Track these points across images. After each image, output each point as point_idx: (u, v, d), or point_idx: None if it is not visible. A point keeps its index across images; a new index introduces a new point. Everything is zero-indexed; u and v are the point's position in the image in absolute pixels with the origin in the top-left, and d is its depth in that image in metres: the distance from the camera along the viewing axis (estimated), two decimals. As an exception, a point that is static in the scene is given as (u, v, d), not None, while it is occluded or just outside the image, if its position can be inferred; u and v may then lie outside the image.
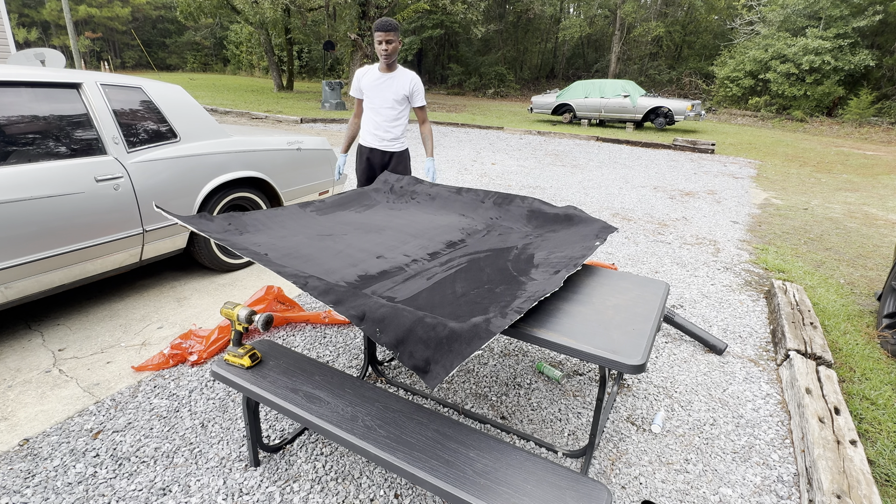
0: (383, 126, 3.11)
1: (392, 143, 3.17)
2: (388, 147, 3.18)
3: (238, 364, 1.66)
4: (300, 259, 1.79)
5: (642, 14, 26.46)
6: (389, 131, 3.12)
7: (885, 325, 2.85)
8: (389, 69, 2.99)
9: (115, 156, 2.61)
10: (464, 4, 18.50)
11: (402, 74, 3.01)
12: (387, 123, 3.09)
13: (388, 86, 3.00)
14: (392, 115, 3.07)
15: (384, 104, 3.04)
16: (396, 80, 3.01)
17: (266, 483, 1.68)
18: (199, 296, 3.06)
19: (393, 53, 2.91)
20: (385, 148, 3.18)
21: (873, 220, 5.64)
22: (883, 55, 18.29)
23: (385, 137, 3.14)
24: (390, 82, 3.00)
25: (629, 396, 2.25)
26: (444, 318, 1.39)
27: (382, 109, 3.06)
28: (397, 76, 3.01)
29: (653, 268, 3.82)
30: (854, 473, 1.68)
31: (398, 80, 3.01)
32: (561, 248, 2.02)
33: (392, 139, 3.15)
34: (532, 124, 14.12)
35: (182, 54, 40.13)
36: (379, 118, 3.09)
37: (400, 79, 3.01)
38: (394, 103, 3.04)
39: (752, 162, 9.59)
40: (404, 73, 3.02)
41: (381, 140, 3.16)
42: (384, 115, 3.07)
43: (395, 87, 3.00)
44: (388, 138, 3.14)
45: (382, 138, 3.15)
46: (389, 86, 3.00)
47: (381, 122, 3.09)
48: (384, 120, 3.09)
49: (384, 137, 3.14)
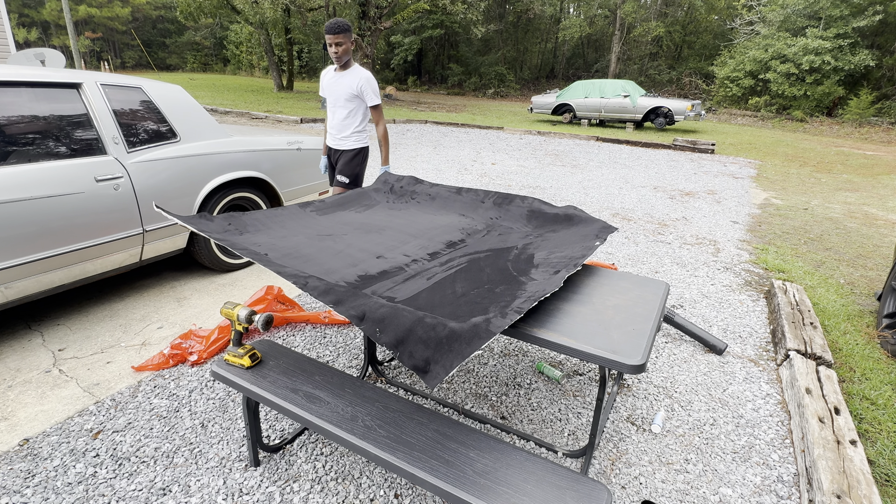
0: (337, 124, 3.12)
1: (343, 142, 3.16)
2: (340, 145, 3.18)
3: (238, 364, 1.66)
4: (300, 259, 1.79)
5: (642, 14, 26.47)
6: (341, 130, 3.12)
7: (885, 325, 2.85)
8: (343, 68, 3.00)
9: (115, 156, 2.61)
10: (464, 4, 18.50)
11: (354, 73, 2.99)
12: (340, 122, 3.10)
13: (340, 84, 3.01)
14: (343, 113, 3.07)
15: (337, 102, 3.07)
16: (347, 78, 3.00)
17: (266, 483, 1.68)
18: (199, 296, 3.06)
19: (344, 55, 2.91)
20: (338, 146, 3.19)
21: (873, 220, 5.64)
22: (883, 55, 18.28)
23: (337, 136, 3.15)
24: (342, 81, 3.01)
25: (629, 396, 2.25)
26: (444, 318, 1.39)
27: (336, 108, 3.09)
28: (348, 74, 3.00)
29: (653, 268, 3.82)
30: (854, 473, 1.68)
31: (348, 79, 3.00)
32: (561, 248, 2.02)
33: (343, 137, 3.14)
34: (532, 124, 14.13)
35: (182, 54, 40.12)
36: (334, 117, 3.12)
37: (350, 77, 2.99)
38: (345, 102, 3.04)
39: (752, 162, 9.59)
40: (356, 71, 3.00)
41: (334, 138, 3.18)
42: (337, 113, 3.09)
43: (346, 85, 3.00)
44: (339, 136, 3.14)
45: (335, 137, 3.17)
46: (341, 84, 3.01)
47: (336, 120, 3.11)
48: (338, 119, 3.10)
49: (336, 136, 3.16)
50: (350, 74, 3.00)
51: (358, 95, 3.02)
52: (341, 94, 3.02)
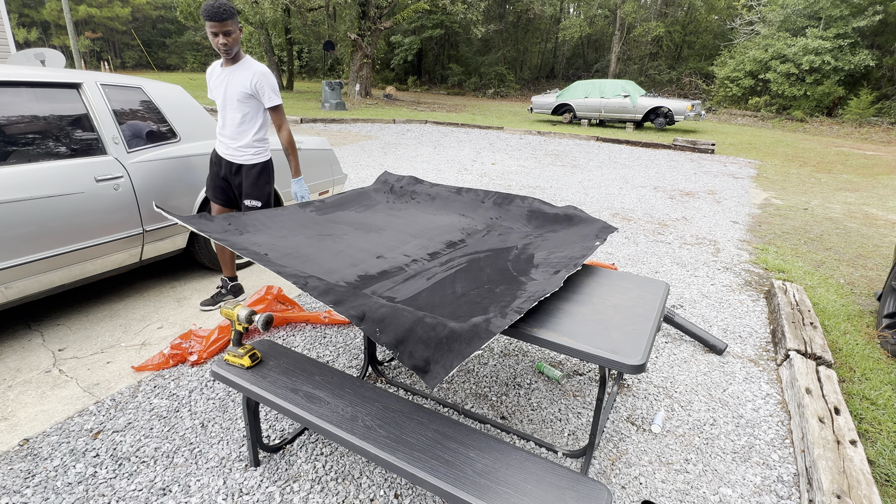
0: (229, 131, 2.56)
1: (239, 153, 2.59)
2: (235, 157, 2.60)
3: (238, 364, 1.66)
4: (300, 259, 1.79)
5: (642, 14, 26.47)
6: (237, 138, 2.56)
7: (885, 325, 2.85)
8: (232, 62, 2.47)
9: (115, 156, 2.61)
10: (464, 4, 18.50)
11: (246, 67, 2.46)
12: (234, 128, 2.55)
13: (229, 82, 2.47)
14: (236, 118, 2.52)
15: (228, 104, 2.52)
16: (237, 74, 2.46)
17: (266, 483, 1.68)
18: (199, 296, 3.06)
19: (233, 45, 2.37)
20: (231, 157, 2.61)
21: (873, 220, 5.64)
22: (883, 55, 18.28)
23: (232, 145, 2.58)
24: (231, 78, 2.47)
25: (629, 396, 2.25)
26: (444, 318, 1.39)
27: (227, 111, 2.53)
28: (239, 70, 2.46)
29: (653, 268, 3.82)
30: (854, 473, 1.68)
31: (240, 75, 2.46)
32: (561, 248, 2.02)
33: (240, 148, 2.58)
34: (532, 124, 14.13)
35: (182, 54, 40.11)
36: (225, 123, 2.56)
37: (242, 72, 2.45)
38: (238, 104, 2.49)
39: (752, 162, 9.59)
40: (249, 65, 2.47)
41: (227, 148, 2.60)
42: (230, 118, 2.54)
43: (238, 82, 2.46)
44: (234, 146, 2.58)
45: (228, 146, 2.59)
46: (230, 82, 2.47)
47: (229, 127, 2.55)
48: (231, 124, 2.55)
49: (231, 145, 2.59)
50: (242, 70, 2.46)
51: (253, 95, 2.49)
52: (233, 93, 2.47)
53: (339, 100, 14.83)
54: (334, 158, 4.09)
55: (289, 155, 2.64)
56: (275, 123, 2.63)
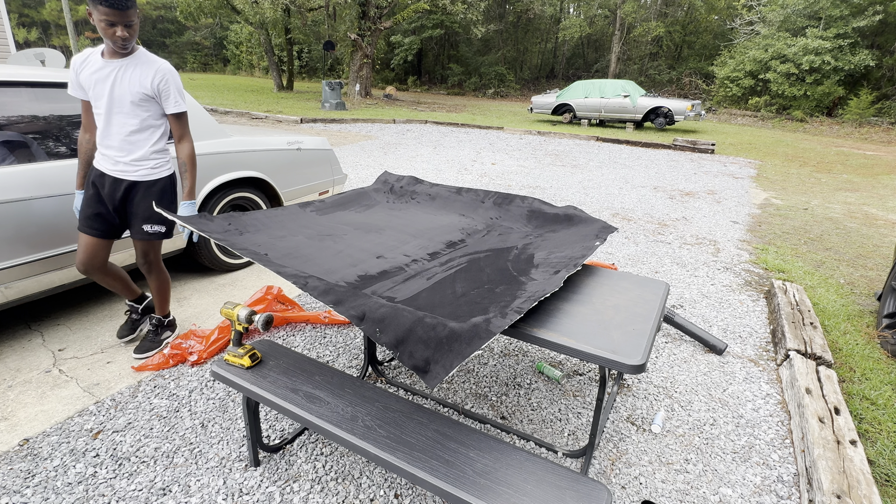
0: (117, 141, 2.05)
1: (133, 168, 2.10)
2: (127, 173, 2.10)
3: (238, 364, 1.66)
4: (300, 259, 1.79)
5: (642, 14, 26.47)
6: (127, 149, 2.07)
7: (885, 325, 2.85)
8: (122, 55, 1.97)
9: (115, 156, 2.61)
10: (464, 4, 18.51)
11: (144, 63, 2.00)
12: (122, 137, 2.05)
13: (119, 79, 1.98)
14: (129, 124, 2.03)
15: (117, 107, 2.01)
16: (132, 71, 1.97)
17: (266, 483, 1.68)
18: (199, 296, 3.06)
19: (133, 38, 1.95)
20: (122, 174, 2.10)
21: (873, 220, 5.64)
22: (883, 55, 18.29)
23: (121, 158, 2.07)
24: (122, 74, 1.97)
25: (629, 396, 2.25)
26: (444, 318, 1.39)
27: (113, 115, 2.02)
28: (133, 65, 1.97)
29: (653, 268, 3.82)
30: (854, 473, 1.68)
31: (135, 72, 1.97)
32: (561, 248, 2.02)
33: (133, 161, 2.09)
34: (532, 124, 14.13)
35: (182, 54, 40.13)
36: (111, 130, 2.03)
37: (139, 69, 1.98)
38: (131, 107, 2.02)
39: (752, 162, 9.59)
40: (148, 60, 2.01)
41: (114, 162, 2.08)
42: (118, 123, 2.02)
43: (132, 81, 1.98)
44: (125, 159, 2.08)
45: (116, 160, 2.08)
46: (120, 79, 1.98)
47: (118, 136, 2.04)
48: (121, 132, 2.04)
49: (119, 159, 2.07)
50: (138, 65, 1.98)
51: (154, 97, 2.04)
52: (125, 94, 1.99)
53: (339, 100, 14.84)
54: (334, 158, 4.09)
55: (185, 172, 2.14)
56: (175, 134, 2.13)
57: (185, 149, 2.15)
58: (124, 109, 2.03)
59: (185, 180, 2.15)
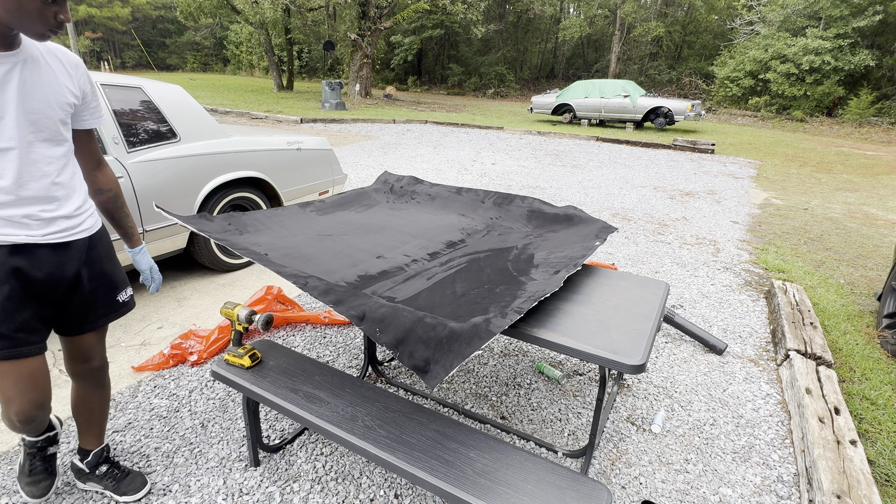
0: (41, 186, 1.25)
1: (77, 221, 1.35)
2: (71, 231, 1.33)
3: (238, 364, 1.66)
4: (300, 259, 1.79)
5: (642, 14, 26.46)
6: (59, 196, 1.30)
7: (885, 325, 2.85)
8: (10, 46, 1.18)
9: (115, 156, 2.61)
10: (464, 4, 18.50)
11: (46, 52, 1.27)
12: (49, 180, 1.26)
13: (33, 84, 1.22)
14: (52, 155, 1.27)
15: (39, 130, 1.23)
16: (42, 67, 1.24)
17: (266, 483, 1.68)
18: (199, 296, 3.06)
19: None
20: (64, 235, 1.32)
21: (873, 220, 5.64)
22: (883, 55, 18.28)
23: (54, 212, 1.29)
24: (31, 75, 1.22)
25: (629, 396, 2.25)
26: (444, 318, 1.39)
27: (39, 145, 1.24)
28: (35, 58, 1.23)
29: (653, 268, 3.82)
30: (854, 473, 1.68)
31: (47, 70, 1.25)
32: (561, 248, 2.02)
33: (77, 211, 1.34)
34: (532, 124, 14.13)
35: (182, 54, 40.14)
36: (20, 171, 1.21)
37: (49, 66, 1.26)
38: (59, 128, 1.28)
39: (752, 162, 9.59)
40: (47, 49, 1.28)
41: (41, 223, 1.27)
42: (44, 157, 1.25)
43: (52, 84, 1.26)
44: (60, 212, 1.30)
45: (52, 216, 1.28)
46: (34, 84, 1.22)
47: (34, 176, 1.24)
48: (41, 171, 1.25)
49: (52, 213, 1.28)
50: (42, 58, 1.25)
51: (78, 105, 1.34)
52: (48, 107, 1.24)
53: (339, 100, 14.83)
54: (334, 158, 4.09)
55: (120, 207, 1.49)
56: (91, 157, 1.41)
57: (111, 175, 1.47)
58: (47, 132, 1.24)
59: (122, 219, 1.51)
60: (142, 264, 1.60)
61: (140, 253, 1.59)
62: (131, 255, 1.58)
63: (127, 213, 1.53)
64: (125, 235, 1.54)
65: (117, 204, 1.50)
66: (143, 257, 1.60)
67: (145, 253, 1.61)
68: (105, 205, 1.48)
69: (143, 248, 1.60)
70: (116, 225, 1.52)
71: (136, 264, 1.59)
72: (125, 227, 1.53)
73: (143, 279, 1.62)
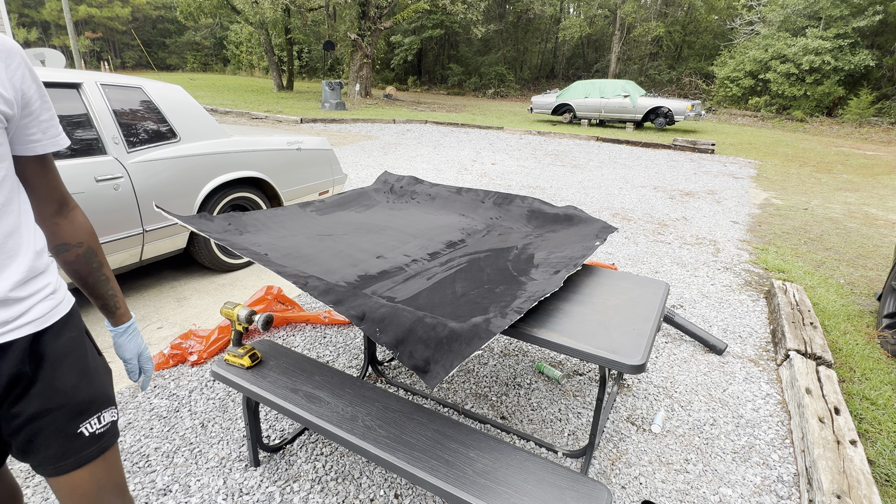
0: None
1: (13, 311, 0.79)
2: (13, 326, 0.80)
3: (238, 364, 1.66)
4: (300, 259, 1.79)
5: (642, 14, 26.46)
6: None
7: (885, 325, 2.85)
8: None
9: (115, 156, 2.61)
10: (464, 4, 18.50)
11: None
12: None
13: None
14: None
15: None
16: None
17: (266, 483, 1.68)
18: (199, 296, 3.06)
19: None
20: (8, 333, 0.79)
21: (873, 220, 5.64)
22: (883, 55, 18.28)
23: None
24: None
25: (629, 396, 2.25)
26: (444, 318, 1.39)
27: None
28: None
29: (653, 268, 3.82)
30: (854, 473, 1.68)
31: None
32: (561, 248, 2.02)
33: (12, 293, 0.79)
34: (532, 124, 14.12)
35: (182, 54, 40.14)
36: None
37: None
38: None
39: (752, 162, 9.59)
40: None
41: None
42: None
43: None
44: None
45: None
46: None
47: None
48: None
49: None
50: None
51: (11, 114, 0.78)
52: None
53: (339, 100, 14.83)
54: (334, 158, 4.09)
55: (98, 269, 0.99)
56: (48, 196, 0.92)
57: (81, 221, 0.96)
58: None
59: (99, 285, 0.99)
60: (126, 351, 1.06)
61: (125, 334, 1.06)
62: (112, 335, 1.05)
63: (107, 276, 1.00)
64: (104, 308, 1.03)
65: (91, 264, 0.97)
66: (128, 341, 1.06)
67: (134, 333, 1.08)
68: (73, 266, 0.95)
69: (130, 327, 1.07)
70: (91, 293, 1.00)
71: (118, 350, 1.06)
72: (103, 295, 1.01)
73: (127, 371, 1.09)
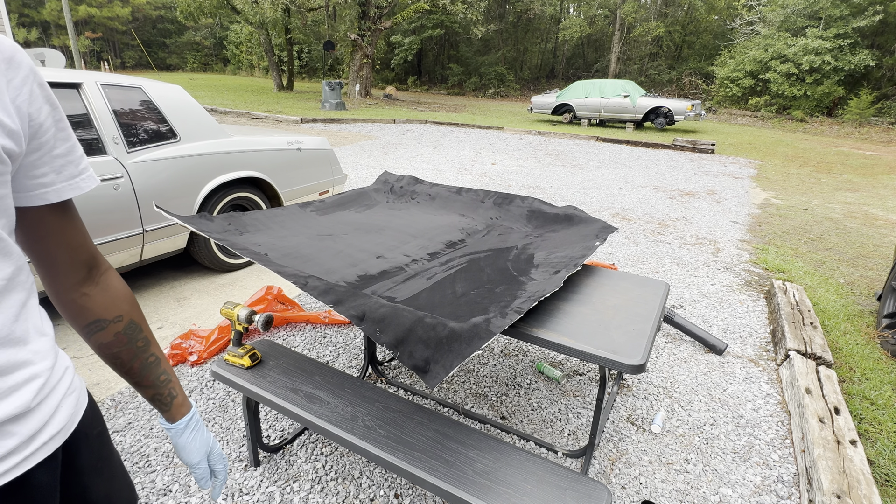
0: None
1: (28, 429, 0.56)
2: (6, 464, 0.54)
3: (238, 364, 1.66)
4: (300, 259, 1.79)
5: (642, 14, 26.46)
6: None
7: (885, 325, 2.85)
8: None
9: (115, 156, 2.61)
10: (464, 4, 18.49)
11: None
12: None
13: None
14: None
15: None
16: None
17: (266, 483, 1.68)
18: (199, 296, 3.06)
19: None
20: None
21: (873, 220, 5.64)
22: (883, 55, 18.28)
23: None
24: None
25: (629, 396, 2.25)
26: (444, 318, 1.39)
27: None
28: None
29: (653, 268, 3.82)
30: (854, 473, 1.68)
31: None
32: (561, 248, 2.02)
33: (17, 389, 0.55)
34: (532, 124, 14.12)
35: (182, 54, 40.14)
36: None
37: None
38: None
39: (752, 162, 9.59)
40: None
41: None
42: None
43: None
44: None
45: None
46: None
47: None
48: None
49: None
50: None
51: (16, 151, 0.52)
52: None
53: (339, 100, 14.83)
54: (334, 158, 4.09)
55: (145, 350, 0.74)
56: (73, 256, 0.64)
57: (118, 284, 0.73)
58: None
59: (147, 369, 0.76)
60: (191, 453, 0.83)
61: (188, 430, 0.82)
62: (171, 434, 0.82)
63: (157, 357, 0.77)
64: (156, 399, 0.79)
65: (136, 342, 0.73)
66: (193, 439, 0.83)
67: (199, 427, 0.84)
68: (112, 348, 0.71)
69: (192, 419, 0.83)
70: (138, 381, 0.76)
71: (181, 452, 0.83)
72: (154, 382, 0.77)
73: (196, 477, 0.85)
